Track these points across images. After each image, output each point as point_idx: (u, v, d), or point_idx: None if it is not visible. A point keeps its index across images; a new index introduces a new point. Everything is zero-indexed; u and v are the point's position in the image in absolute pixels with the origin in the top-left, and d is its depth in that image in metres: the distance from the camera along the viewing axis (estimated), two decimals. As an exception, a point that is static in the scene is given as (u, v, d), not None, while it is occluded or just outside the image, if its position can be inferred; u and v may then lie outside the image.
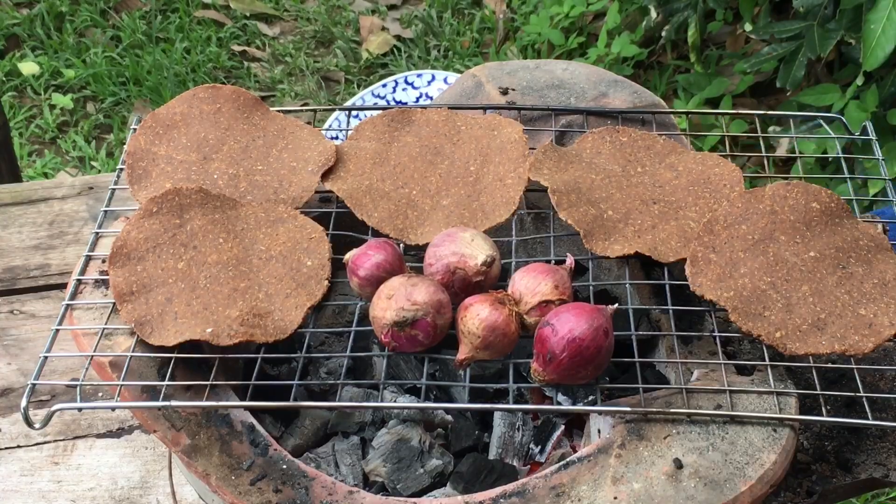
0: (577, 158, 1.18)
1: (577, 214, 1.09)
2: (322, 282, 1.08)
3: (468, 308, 0.99)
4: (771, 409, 0.97)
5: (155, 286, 1.05)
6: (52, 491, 1.20)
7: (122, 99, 2.81)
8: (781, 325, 1.01)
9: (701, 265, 1.06)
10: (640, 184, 1.16)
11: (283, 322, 1.04)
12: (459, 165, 1.20)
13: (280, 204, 1.15)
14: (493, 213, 1.14)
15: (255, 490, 0.95)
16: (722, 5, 2.37)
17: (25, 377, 1.34)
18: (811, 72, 2.31)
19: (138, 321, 1.03)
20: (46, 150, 2.69)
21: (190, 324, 1.02)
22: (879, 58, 1.66)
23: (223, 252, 1.08)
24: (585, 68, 1.37)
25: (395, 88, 2.34)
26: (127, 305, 1.04)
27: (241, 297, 1.04)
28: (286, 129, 1.24)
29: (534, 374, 0.98)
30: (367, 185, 1.17)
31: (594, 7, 2.82)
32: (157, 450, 1.24)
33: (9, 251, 1.52)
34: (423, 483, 1.07)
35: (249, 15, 3.11)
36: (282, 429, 1.12)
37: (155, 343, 1.01)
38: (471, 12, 3.10)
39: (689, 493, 0.91)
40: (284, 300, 1.06)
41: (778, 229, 1.08)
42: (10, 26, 3.01)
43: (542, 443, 1.14)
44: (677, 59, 2.71)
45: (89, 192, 1.62)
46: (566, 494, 0.93)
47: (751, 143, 2.44)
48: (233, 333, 1.00)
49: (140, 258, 1.07)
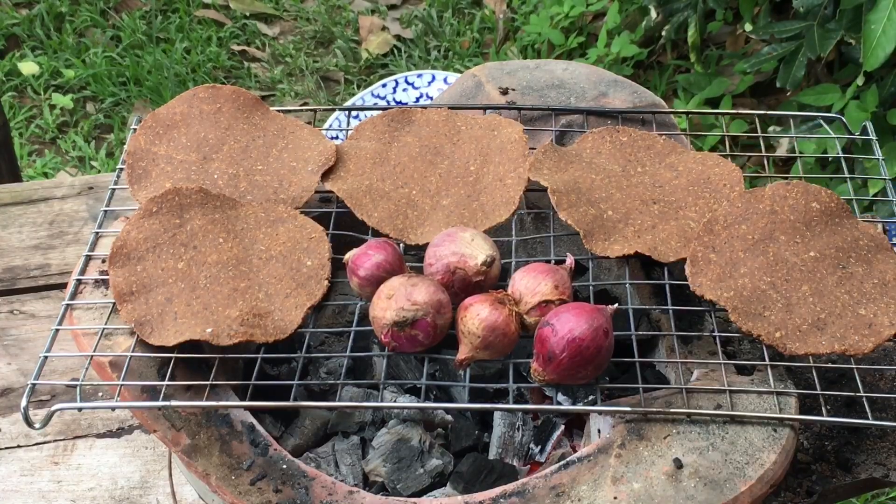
0: (577, 158, 1.18)
1: (576, 214, 1.09)
2: (322, 282, 1.08)
3: (468, 308, 0.99)
4: (771, 409, 0.97)
5: (155, 286, 1.05)
6: (52, 491, 1.20)
7: (122, 99, 2.81)
8: (781, 325, 1.01)
9: (701, 265, 1.06)
10: (640, 184, 1.16)
11: (283, 322, 1.04)
12: (459, 165, 1.20)
13: (280, 204, 1.15)
14: (493, 213, 1.14)
15: (255, 490, 0.95)
16: (722, 5, 2.37)
17: (25, 377, 1.34)
18: (811, 72, 2.31)
19: (138, 321, 1.03)
20: (46, 150, 2.69)
21: (190, 324, 1.02)
22: (879, 58, 1.66)
23: (223, 252, 1.08)
24: (585, 68, 1.37)
25: (395, 88, 2.33)
26: (127, 305, 1.04)
27: (241, 297, 1.04)
28: (286, 128, 1.24)
29: (534, 374, 0.98)
30: (367, 185, 1.17)
31: (594, 7, 2.82)
32: (157, 450, 1.24)
33: (9, 251, 1.52)
34: (423, 483, 1.07)
35: (249, 15, 3.11)
36: (282, 429, 1.12)
37: (155, 343, 1.01)
38: (471, 12, 3.10)
39: (689, 493, 0.91)
40: (284, 300, 1.06)
41: (778, 229, 1.08)
42: (10, 26, 3.01)
43: (542, 443, 1.14)
44: (677, 59, 2.71)
45: (89, 192, 1.62)
46: (566, 494, 0.93)
47: (751, 143, 2.44)
48: (233, 333, 1.00)
49: (140, 258, 1.07)
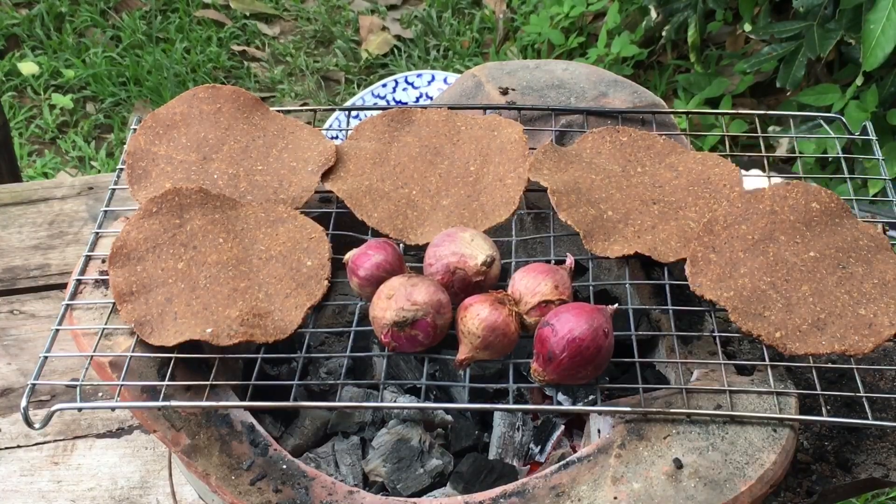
0: (577, 159, 1.18)
1: (576, 215, 1.09)
2: (322, 282, 1.08)
3: (468, 308, 0.99)
4: (771, 409, 0.97)
5: (155, 286, 1.05)
6: (52, 491, 1.20)
7: (122, 99, 2.81)
8: (781, 325, 1.01)
9: (701, 265, 1.06)
10: (640, 184, 1.16)
11: (283, 322, 1.04)
12: (459, 165, 1.20)
13: (280, 204, 1.15)
14: (493, 213, 1.14)
15: (254, 490, 0.95)
16: (722, 5, 2.37)
17: (25, 377, 1.34)
18: (811, 72, 2.31)
19: (138, 321, 1.03)
20: (46, 150, 2.69)
21: (190, 324, 1.02)
22: (879, 58, 1.66)
23: (223, 252, 1.08)
24: (585, 68, 1.37)
25: (395, 88, 2.33)
26: (127, 305, 1.04)
27: (241, 297, 1.04)
28: (286, 129, 1.24)
29: (534, 374, 0.98)
30: (367, 185, 1.17)
31: (594, 7, 2.82)
32: (157, 450, 1.24)
33: (9, 251, 1.52)
34: (423, 483, 1.07)
35: (249, 15, 3.11)
36: (282, 429, 1.12)
37: (155, 343, 1.01)
38: (471, 12, 3.10)
39: (689, 493, 0.91)
40: (284, 300, 1.06)
41: (778, 229, 1.08)
42: (10, 26, 3.01)
43: (542, 443, 1.14)
44: (677, 59, 2.71)
45: (89, 192, 1.62)
46: (566, 494, 0.93)
47: (751, 143, 2.44)
48: (232, 333, 1.00)
49: (140, 258, 1.07)
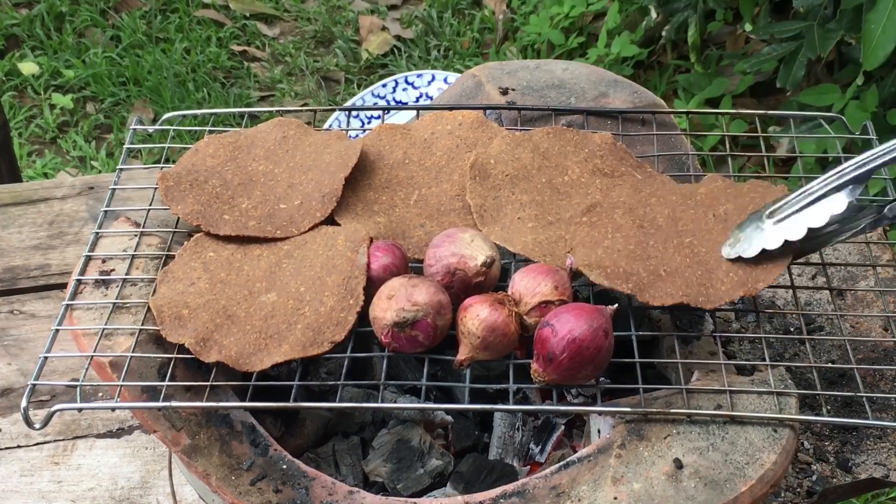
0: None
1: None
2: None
3: (468, 308, 0.99)
4: (771, 409, 0.97)
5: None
6: (52, 491, 1.20)
7: (121, 99, 2.82)
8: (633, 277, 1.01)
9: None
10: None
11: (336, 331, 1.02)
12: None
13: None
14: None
15: (255, 490, 0.95)
16: (722, 5, 2.37)
17: (25, 377, 1.34)
18: (811, 72, 2.31)
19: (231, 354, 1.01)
20: (46, 150, 2.69)
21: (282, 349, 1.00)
22: (879, 58, 1.66)
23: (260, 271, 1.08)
24: (585, 68, 1.37)
25: (395, 88, 2.34)
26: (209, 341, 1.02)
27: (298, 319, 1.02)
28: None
29: (534, 374, 0.98)
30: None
31: (594, 7, 2.82)
32: (157, 450, 1.24)
33: (9, 251, 1.52)
34: (423, 483, 1.07)
35: (249, 15, 3.11)
36: (282, 429, 1.12)
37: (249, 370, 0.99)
38: (471, 12, 3.10)
39: (689, 493, 0.91)
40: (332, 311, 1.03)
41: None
42: (10, 26, 3.01)
43: (542, 443, 1.14)
44: (677, 59, 2.71)
45: (89, 192, 1.62)
46: (566, 494, 0.93)
47: (751, 143, 2.44)
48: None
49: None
